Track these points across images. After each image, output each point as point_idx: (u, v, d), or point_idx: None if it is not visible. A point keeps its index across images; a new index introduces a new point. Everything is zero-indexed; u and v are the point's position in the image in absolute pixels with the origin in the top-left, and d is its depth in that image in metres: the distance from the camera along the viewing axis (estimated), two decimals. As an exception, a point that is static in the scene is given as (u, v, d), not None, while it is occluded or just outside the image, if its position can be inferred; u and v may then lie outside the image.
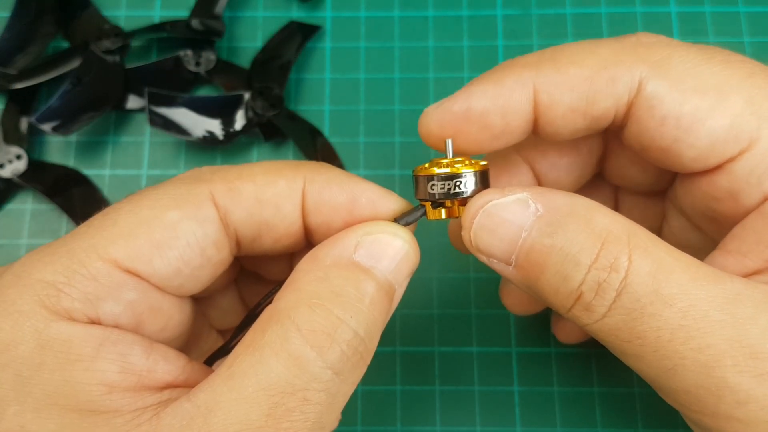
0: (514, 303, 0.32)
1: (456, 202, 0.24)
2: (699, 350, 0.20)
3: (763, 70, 0.23)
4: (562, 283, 0.21)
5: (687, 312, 0.20)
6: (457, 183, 0.23)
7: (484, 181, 0.24)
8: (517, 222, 0.22)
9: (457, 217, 0.24)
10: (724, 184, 0.23)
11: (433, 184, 0.23)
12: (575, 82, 0.23)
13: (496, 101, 0.24)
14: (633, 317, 0.21)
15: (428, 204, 0.24)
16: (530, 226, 0.22)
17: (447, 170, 0.23)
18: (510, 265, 0.23)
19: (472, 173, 0.23)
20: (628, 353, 0.22)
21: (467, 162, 0.23)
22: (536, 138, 0.26)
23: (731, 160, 0.23)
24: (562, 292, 0.22)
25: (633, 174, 0.28)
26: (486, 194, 0.23)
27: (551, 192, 0.22)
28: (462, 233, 0.23)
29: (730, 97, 0.22)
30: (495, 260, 0.23)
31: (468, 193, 0.23)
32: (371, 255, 0.22)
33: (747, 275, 0.23)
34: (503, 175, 0.27)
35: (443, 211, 0.24)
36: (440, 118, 0.24)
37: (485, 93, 0.24)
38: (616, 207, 0.30)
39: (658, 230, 0.29)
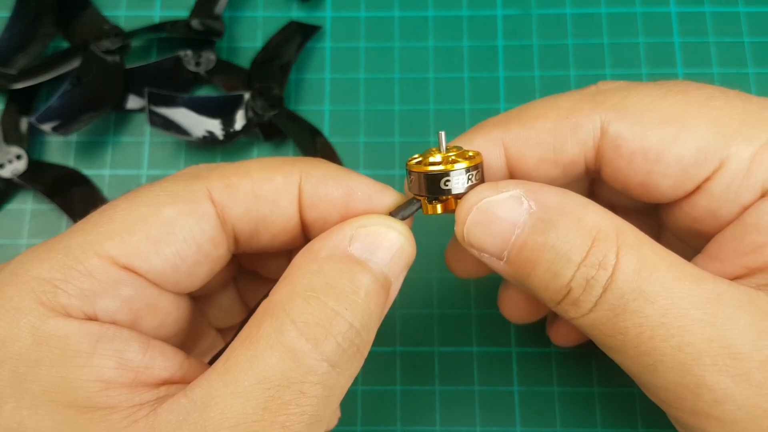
0: (512, 312, 0.33)
1: (451, 197, 0.24)
2: (678, 348, 0.21)
3: (723, 92, 0.24)
4: (552, 279, 0.22)
5: (668, 310, 0.21)
6: (448, 181, 0.23)
7: (478, 175, 0.24)
8: (510, 219, 0.22)
9: (452, 211, 0.24)
10: (703, 204, 0.24)
11: (427, 182, 0.23)
12: (540, 135, 0.24)
13: None
14: (616, 313, 0.21)
15: (424, 199, 0.24)
16: (523, 224, 0.22)
17: (440, 168, 0.23)
18: (502, 260, 0.23)
19: (464, 170, 0.23)
20: (611, 348, 0.22)
21: (461, 157, 0.23)
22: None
23: (707, 180, 0.23)
24: (552, 288, 0.22)
25: (621, 200, 0.28)
26: (480, 191, 0.23)
27: (544, 189, 0.23)
28: (455, 228, 0.24)
29: (693, 123, 0.23)
30: (487, 255, 0.23)
31: (461, 190, 0.23)
32: (366, 247, 0.22)
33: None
34: None
35: (439, 206, 0.24)
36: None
37: None
38: None
39: (657, 238, 0.30)
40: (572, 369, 0.36)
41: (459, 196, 0.23)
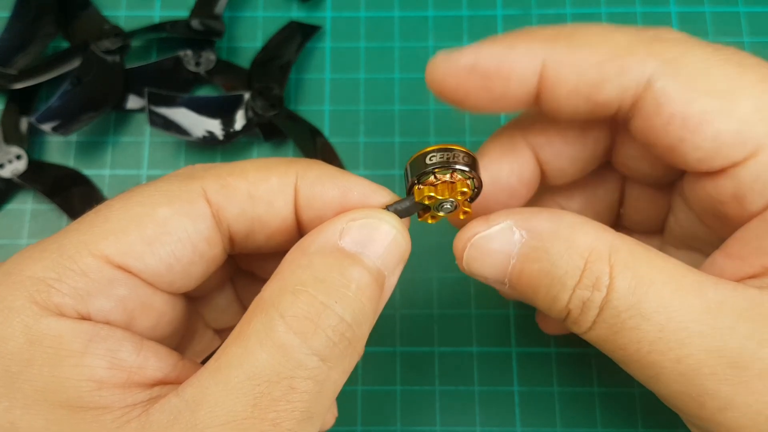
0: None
1: (440, 214, 0.24)
2: (677, 360, 0.21)
3: None
4: (552, 302, 0.23)
5: (665, 325, 0.21)
6: (434, 156, 0.23)
7: (465, 157, 0.24)
8: (504, 250, 0.23)
9: (443, 217, 0.25)
10: (729, 188, 0.23)
11: (431, 156, 0.24)
12: (585, 65, 0.23)
13: (502, 64, 0.23)
14: (614, 331, 0.22)
15: (418, 202, 0.24)
16: (517, 253, 0.23)
17: (439, 147, 0.24)
18: (504, 285, 0.24)
19: (460, 151, 0.24)
20: (616, 360, 0.23)
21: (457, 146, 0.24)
22: (542, 123, 0.26)
23: (736, 164, 0.23)
24: (554, 309, 0.23)
25: (641, 167, 0.28)
26: (472, 227, 0.24)
27: (534, 216, 0.23)
28: (456, 260, 0.24)
29: (740, 101, 0.22)
30: (490, 281, 0.24)
31: (461, 167, 0.23)
32: (357, 241, 0.22)
33: (743, 279, 0.23)
34: (505, 161, 0.27)
35: (429, 218, 0.25)
36: (445, 69, 0.24)
37: (494, 54, 0.23)
38: (622, 196, 0.31)
39: (664, 221, 0.29)
40: (572, 369, 0.36)
41: (452, 209, 0.24)
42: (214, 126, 0.38)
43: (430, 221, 0.25)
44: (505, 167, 0.27)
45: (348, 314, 0.21)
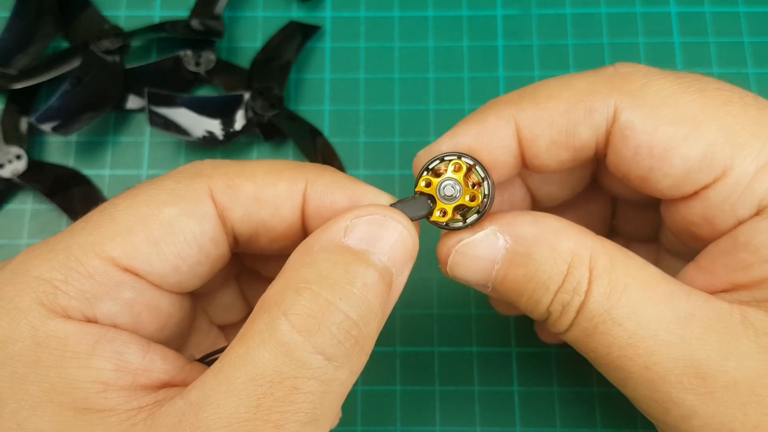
0: (501, 308, 0.33)
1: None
2: (645, 367, 0.22)
3: (742, 97, 0.23)
4: (535, 306, 0.23)
5: (635, 332, 0.22)
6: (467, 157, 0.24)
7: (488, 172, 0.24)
8: (488, 256, 0.23)
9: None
10: (699, 210, 0.23)
11: (448, 155, 0.24)
12: (554, 116, 0.24)
13: (480, 139, 0.24)
14: (587, 334, 0.23)
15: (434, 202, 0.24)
16: (501, 258, 0.23)
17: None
18: (488, 288, 0.24)
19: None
20: (590, 361, 0.24)
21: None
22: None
23: (706, 187, 0.23)
24: (536, 312, 0.24)
25: (626, 192, 0.28)
26: (456, 234, 0.24)
27: (517, 221, 0.23)
28: (440, 265, 0.25)
29: (705, 126, 0.22)
30: (473, 284, 0.24)
31: (478, 166, 0.24)
32: (361, 238, 0.21)
33: (713, 293, 0.23)
34: (497, 191, 0.27)
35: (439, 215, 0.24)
36: (428, 159, 0.24)
37: (469, 132, 0.24)
38: (613, 213, 0.31)
39: (658, 230, 0.30)
40: (572, 369, 0.36)
41: (467, 168, 0.24)
42: (214, 126, 0.38)
43: (437, 217, 0.24)
44: (497, 195, 0.27)
45: (353, 311, 0.20)
